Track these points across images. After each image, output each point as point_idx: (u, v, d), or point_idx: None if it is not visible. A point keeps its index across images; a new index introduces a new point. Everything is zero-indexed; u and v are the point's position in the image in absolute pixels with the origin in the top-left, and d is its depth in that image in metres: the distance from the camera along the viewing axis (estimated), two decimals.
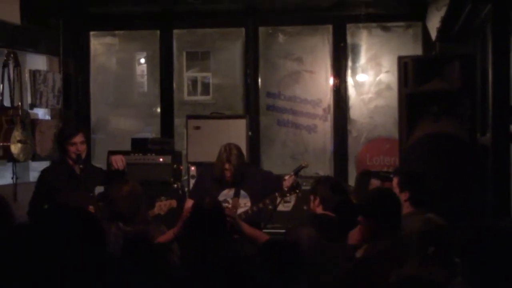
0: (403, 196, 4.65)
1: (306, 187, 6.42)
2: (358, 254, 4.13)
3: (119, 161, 5.88)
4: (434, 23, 6.90)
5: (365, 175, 6.69)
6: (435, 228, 4.03)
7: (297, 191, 5.83)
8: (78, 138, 5.77)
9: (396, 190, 4.79)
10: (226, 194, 5.90)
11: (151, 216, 5.54)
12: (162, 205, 5.71)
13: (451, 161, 5.99)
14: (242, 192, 5.90)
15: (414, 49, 8.33)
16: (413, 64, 6.32)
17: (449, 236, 3.82)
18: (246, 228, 5.19)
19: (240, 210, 5.82)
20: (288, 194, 5.83)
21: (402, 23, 8.69)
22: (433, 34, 7.13)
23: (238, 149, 5.94)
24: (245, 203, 5.88)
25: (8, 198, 6.37)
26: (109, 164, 6.07)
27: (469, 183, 5.91)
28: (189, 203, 5.84)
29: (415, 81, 6.28)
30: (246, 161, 6.94)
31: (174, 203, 5.79)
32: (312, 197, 5.25)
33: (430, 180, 4.81)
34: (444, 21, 6.41)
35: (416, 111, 6.29)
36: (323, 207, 5.10)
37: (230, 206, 5.85)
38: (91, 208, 5.32)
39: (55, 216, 2.26)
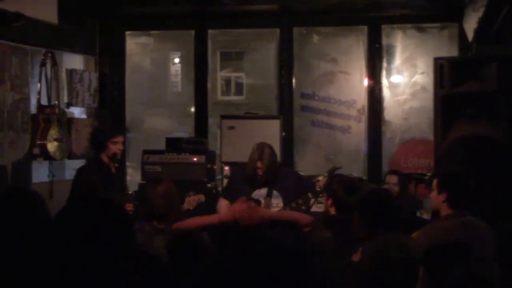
0: (441, 198, 4.60)
1: None
2: (355, 257, 4.04)
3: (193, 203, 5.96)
4: (471, 24, 6.84)
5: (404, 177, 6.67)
6: None
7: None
8: (121, 138, 5.94)
9: (435, 191, 4.74)
10: (258, 194, 5.89)
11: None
12: (191, 200, 5.73)
13: (487, 163, 5.93)
14: (275, 192, 5.89)
15: (450, 51, 8.26)
16: (449, 65, 6.27)
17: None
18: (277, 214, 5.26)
19: (272, 210, 5.82)
20: (321, 195, 5.81)
21: (437, 24, 8.62)
22: (470, 35, 7.06)
23: (271, 148, 5.95)
24: (277, 203, 5.87)
25: (44, 195, 6.46)
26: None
27: (505, 185, 5.85)
28: (221, 202, 5.87)
29: (451, 82, 6.22)
30: (279, 162, 6.95)
31: (202, 197, 5.81)
32: (325, 197, 5.18)
33: (471, 180, 4.74)
34: (481, 22, 6.35)
35: (452, 112, 6.23)
36: (336, 208, 5.01)
37: (263, 206, 5.85)
38: (129, 206, 5.38)
39: (84, 210, 2.28)
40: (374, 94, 8.53)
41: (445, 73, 6.24)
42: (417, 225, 5.09)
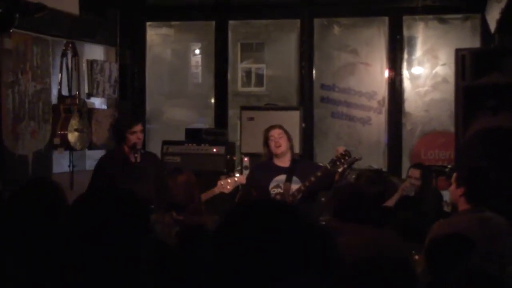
0: (458, 192, 4.55)
1: None
2: None
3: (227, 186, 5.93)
4: (493, 15, 6.77)
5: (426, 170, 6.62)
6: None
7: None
8: (139, 127, 5.92)
9: (453, 185, 4.70)
10: (278, 180, 5.88)
11: (211, 196, 5.58)
12: (224, 183, 5.63)
13: (508, 156, 5.88)
14: (295, 178, 5.88)
15: (472, 42, 8.20)
16: (471, 56, 6.21)
17: None
18: None
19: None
20: (338, 164, 5.75)
21: (459, 15, 8.55)
22: (492, 26, 6.99)
23: (281, 126, 5.96)
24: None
25: (65, 186, 6.51)
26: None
27: None
28: None
29: (473, 74, 6.17)
30: (299, 153, 6.94)
31: (241, 179, 5.66)
32: None
33: (491, 175, 4.68)
34: (504, 12, 6.29)
35: (473, 104, 6.18)
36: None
37: (282, 191, 5.85)
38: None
39: (98, 198, 2.28)
40: (395, 86, 8.48)
41: (466, 64, 6.18)
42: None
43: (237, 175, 5.70)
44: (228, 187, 5.73)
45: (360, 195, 4.03)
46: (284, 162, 5.92)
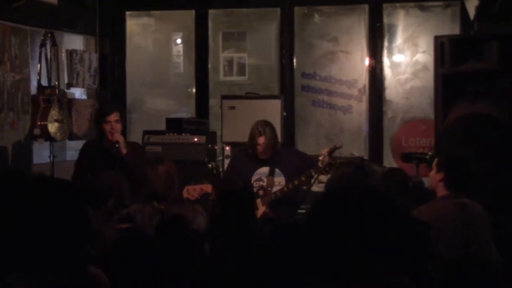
0: (438, 177, 4.59)
1: None
2: None
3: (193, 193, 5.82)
4: (472, 2, 6.80)
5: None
6: None
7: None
8: (113, 117, 5.82)
9: (434, 170, 4.73)
10: (260, 173, 5.90)
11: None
12: (191, 190, 5.46)
13: (488, 143, 5.91)
14: (277, 171, 5.90)
15: (452, 29, 8.22)
16: (450, 43, 6.23)
17: None
18: None
19: (275, 188, 5.83)
20: (323, 172, 5.79)
21: (440, 3, 8.56)
22: (472, 13, 7.02)
23: (270, 124, 5.95)
24: (279, 182, 5.89)
25: None
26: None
27: (507, 166, 5.83)
28: None
29: (452, 61, 6.19)
30: (280, 141, 6.94)
31: (207, 188, 5.48)
32: None
33: (471, 162, 4.71)
34: (483, 0, 6.31)
35: (453, 91, 6.21)
36: None
37: (264, 184, 5.87)
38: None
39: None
40: (375, 74, 8.50)
41: (445, 51, 6.20)
42: None
43: (204, 184, 5.56)
44: (195, 194, 5.60)
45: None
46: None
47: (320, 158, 5.83)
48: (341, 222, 1.77)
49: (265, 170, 5.91)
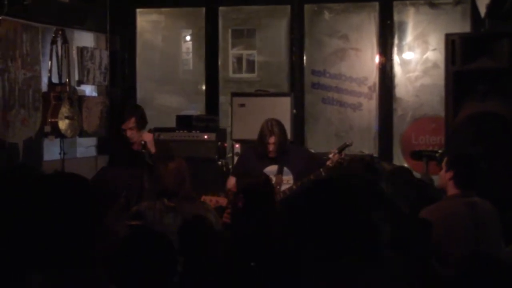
0: (448, 175, 4.59)
1: None
2: None
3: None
4: (484, 0, 6.77)
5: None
6: None
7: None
8: (127, 124, 5.97)
9: (443, 169, 4.73)
10: (269, 171, 5.90)
11: None
12: (207, 200, 5.47)
13: (498, 141, 5.89)
14: (285, 169, 5.90)
15: (462, 27, 8.19)
16: (461, 41, 6.21)
17: None
18: None
19: (283, 187, 5.84)
20: (332, 170, 5.80)
21: (450, 0, 8.54)
22: (482, 11, 6.99)
23: (280, 123, 5.95)
24: (287, 180, 5.89)
25: None
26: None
27: None
28: (231, 180, 5.88)
29: (463, 59, 6.17)
30: (290, 139, 6.95)
31: (223, 201, 5.48)
32: None
33: (480, 162, 4.71)
34: None
35: (463, 89, 6.19)
36: None
37: (273, 182, 5.87)
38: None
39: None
40: (385, 71, 8.49)
41: (456, 49, 6.19)
42: None
43: (220, 197, 5.60)
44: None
45: None
46: None
47: (330, 156, 5.84)
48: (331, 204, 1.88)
49: (273, 168, 5.91)
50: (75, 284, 2.15)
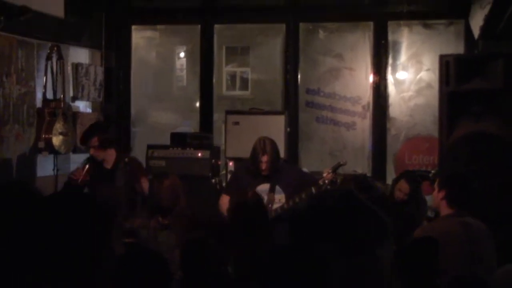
0: (440, 195, 4.59)
1: None
2: None
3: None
4: (477, 21, 6.82)
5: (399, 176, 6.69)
6: None
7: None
8: (91, 142, 6.03)
9: (436, 189, 4.74)
10: (261, 189, 5.90)
11: None
12: None
13: (492, 161, 5.91)
14: (278, 188, 5.91)
15: (456, 47, 8.24)
16: (455, 62, 6.24)
17: None
18: None
19: (275, 206, 5.83)
20: (324, 189, 5.80)
21: (444, 21, 8.59)
22: (476, 32, 7.04)
23: (273, 142, 5.96)
24: (279, 199, 5.89)
25: (49, 189, 6.49)
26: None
27: (510, 184, 5.83)
28: (224, 198, 5.87)
29: (457, 79, 6.20)
30: (284, 157, 6.96)
31: None
32: None
33: (472, 181, 4.72)
34: (488, 19, 6.33)
35: (457, 110, 6.21)
36: None
37: (265, 201, 5.87)
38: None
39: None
40: (379, 91, 8.51)
41: (450, 70, 6.22)
42: None
43: None
44: None
45: None
46: None
47: (324, 175, 5.85)
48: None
49: (266, 186, 5.91)
50: None
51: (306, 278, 1.93)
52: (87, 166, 6.05)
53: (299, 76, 8.75)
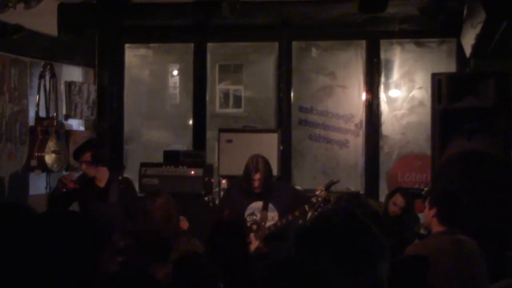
0: (431, 213, 4.60)
1: None
2: None
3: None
4: (469, 40, 6.87)
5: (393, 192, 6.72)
6: None
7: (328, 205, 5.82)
8: (83, 157, 6.00)
9: (427, 207, 4.74)
10: (254, 207, 5.91)
11: None
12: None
13: (484, 179, 5.94)
14: (271, 206, 5.91)
15: (448, 65, 8.29)
16: (447, 81, 6.29)
17: None
18: None
19: (268, 223, 5.83)
20: (318, 207, 5.81)
21: (435, 39, 8.64)
22: (468, 51, 7.09)
23: (265, 160, 5.97)
24: (272, 217, 5.89)
25: (42, 208, 6.47)
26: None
27: (503, 202, 5.85)
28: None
29: (449, 98, 6.25)
30: (277, 175, 6.96)
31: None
32: None
33: (463, 198, 4.74)
34: (479, 38, 6.38)
35: (449, 128, 6.26)
36: None
37: (258, 219, 5.87)
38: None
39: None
40: (372, 109, 8.54)
41: (442, 88, 6.27)
42: None
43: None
44: None
45: None
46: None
47: (317, 192, 5.85)
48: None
49: (258, 204, 5.91)
50: None
51: None
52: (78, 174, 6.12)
53: (292, 94, 8.77)
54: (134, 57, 9.57)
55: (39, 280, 2.09)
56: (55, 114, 7.37)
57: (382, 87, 8.62)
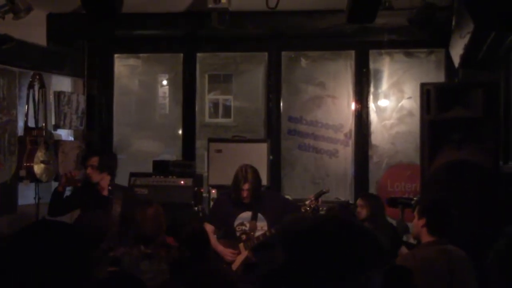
0: (420, 223, 4.61)
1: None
2: None
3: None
4: (457, 50, 6.91)
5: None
6: None
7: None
8: (89, 161, 5.99)
9: (416, 217, 4.75)
10: (243, 217, 5.91)
11: None
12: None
13: (473, 189, 5.96)
14: (260, 216, 5.91)
15: (437, 76, 8.32)
16: (436, 91, 6.32)
17: None
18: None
19: (257, 233, 5.83)
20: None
21: (424, 50, 8.68)
22: (456, 61, 7.13)
23: (254, 169, 5.97)
24: (262, 227, 5.89)
25: (31, 218, 6.45)
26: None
27: (491, 211, 5.87)
28: (207, 227, 5.85)
29: (438, 108, 6.28)
30: (266, 185, 6.96)
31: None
32: None
33: (452, 208, 4.76)
34: (468, 48, 6.42)
35: (438, 138, 6.28)
36: None
37: (247, 229, 5.87)
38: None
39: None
40: (361, 119, 8.56)
41: (431, 98, 6.29)
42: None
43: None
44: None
45: None
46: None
47: (307, 202, 5.86)
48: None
49: (247, 214, 5.91)
50: None
51: None
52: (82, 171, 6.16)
53: (281, 104, 8.78)
54: (124, 67, 9.56)
55: None
56: (44, 124, 7.34)
57: (371, 97, 8.65)
